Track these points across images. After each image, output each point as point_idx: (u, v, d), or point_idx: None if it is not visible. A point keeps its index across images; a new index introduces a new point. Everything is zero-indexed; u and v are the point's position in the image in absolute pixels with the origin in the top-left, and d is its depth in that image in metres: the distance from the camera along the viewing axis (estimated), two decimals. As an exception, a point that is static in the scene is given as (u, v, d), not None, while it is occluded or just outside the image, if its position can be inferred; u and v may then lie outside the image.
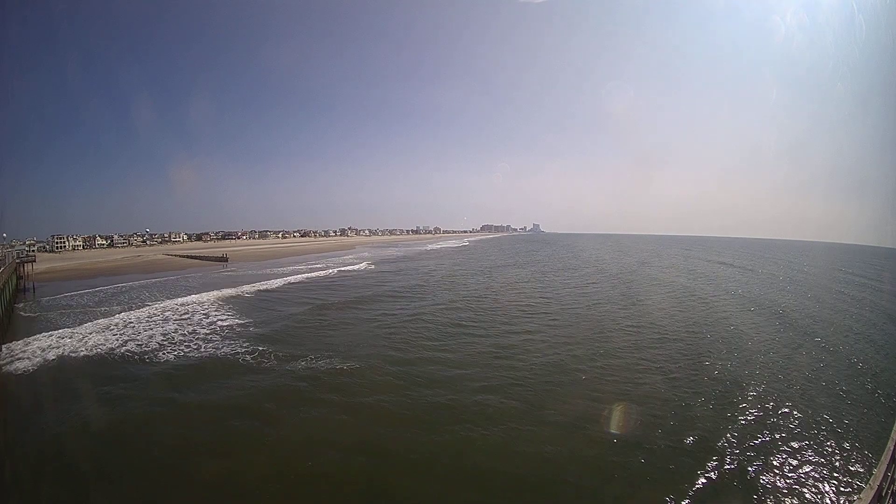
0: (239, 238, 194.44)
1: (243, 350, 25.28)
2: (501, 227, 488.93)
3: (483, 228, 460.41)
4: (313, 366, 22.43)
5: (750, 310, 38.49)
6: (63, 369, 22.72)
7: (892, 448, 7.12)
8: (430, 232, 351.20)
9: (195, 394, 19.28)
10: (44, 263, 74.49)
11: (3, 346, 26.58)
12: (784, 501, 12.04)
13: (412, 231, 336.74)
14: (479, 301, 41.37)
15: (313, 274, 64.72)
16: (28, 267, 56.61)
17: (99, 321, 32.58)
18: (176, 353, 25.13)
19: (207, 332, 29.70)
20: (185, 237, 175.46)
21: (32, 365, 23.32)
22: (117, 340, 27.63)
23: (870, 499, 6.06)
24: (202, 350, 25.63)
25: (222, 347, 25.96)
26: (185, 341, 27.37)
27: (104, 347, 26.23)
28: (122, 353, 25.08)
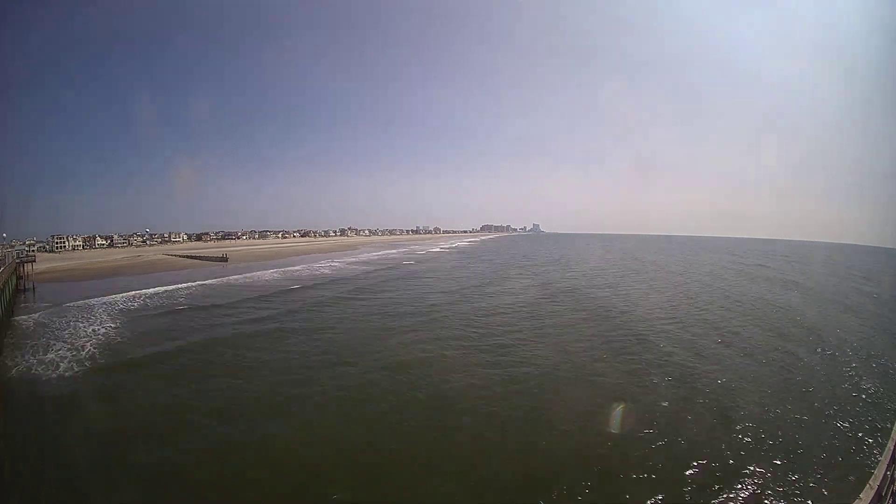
0: (239, 238, 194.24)
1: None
2: (501, 227, 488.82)
3: (483, 228, 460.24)
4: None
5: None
6: (63, 369, 22.67)
7: (892, 448, 7.13)
8: (429, 232, 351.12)
9: (193, 393, 19.33)
10: (44, 263, 74.39)
11: (3, 345, 26.58)
12: (784, 501, 12.05)
13: (412, 231, 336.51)
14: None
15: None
16: (28, 267, 56.48)
17: (98, 321, 32.61)
18: (177, 350, 25.20)
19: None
20: (185, 237, 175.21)
21: (31, 365, 23.33)
22: (119, 338, 27.69)
23: (870, 499, 6.06)
24: (195, 346, 25.70)
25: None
26: (182, 338, 27.46)
27: (104, 346, 26.27)
28: (125, 351, 25.12)
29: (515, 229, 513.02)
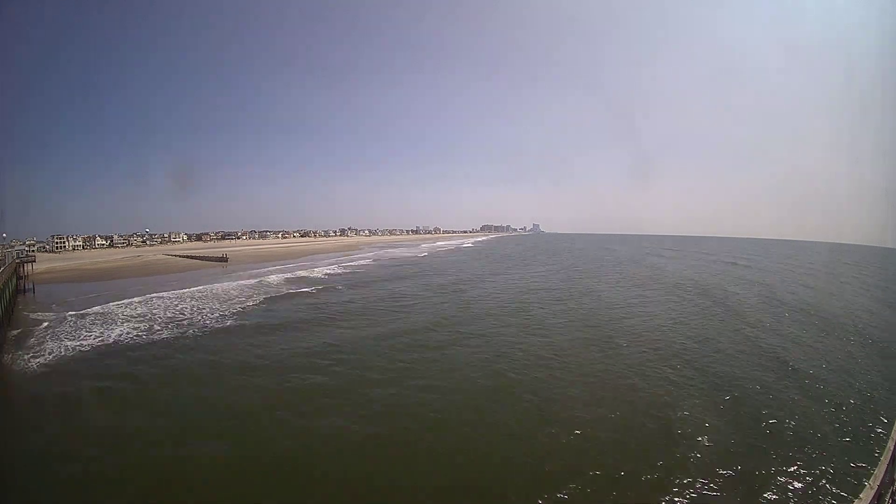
0: (239, 238, 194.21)
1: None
2: (501, 227, 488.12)
3: (483, 228, 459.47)
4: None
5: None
6: (63, 368, 22.69)
7: (892, 448, 7.12)
8: (429, 232, 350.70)
9: (194, 391, 19.39)
10: (44, 263, 74.39)
11: (3, 346, 26.58)
12: (784, 501, 12.05)
13: (412, 231, 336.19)
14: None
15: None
16: (28, 267, 56.39)
17: (98, 321, 32.60)
18: (175, 350, 25.23)
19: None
20: (185, 237, 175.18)
21: (32, 364, 23.32)
22: (118, 336, 27.70)
23: (870, 499, 6.06)
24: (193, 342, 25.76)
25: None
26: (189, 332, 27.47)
27: (104, 346, 26.26)
28: (124, 352, 25.13)
29: (516, 229, 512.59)
